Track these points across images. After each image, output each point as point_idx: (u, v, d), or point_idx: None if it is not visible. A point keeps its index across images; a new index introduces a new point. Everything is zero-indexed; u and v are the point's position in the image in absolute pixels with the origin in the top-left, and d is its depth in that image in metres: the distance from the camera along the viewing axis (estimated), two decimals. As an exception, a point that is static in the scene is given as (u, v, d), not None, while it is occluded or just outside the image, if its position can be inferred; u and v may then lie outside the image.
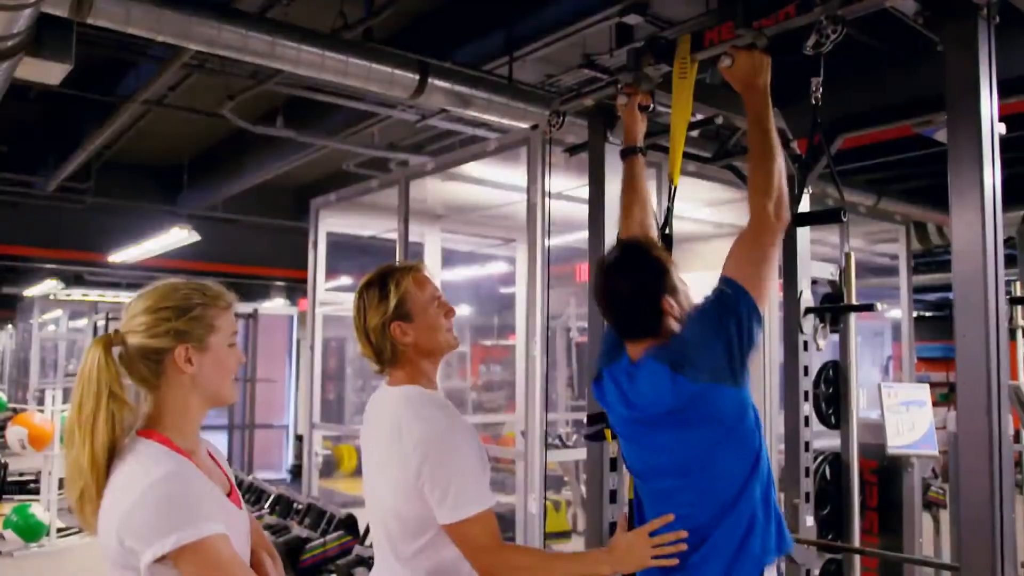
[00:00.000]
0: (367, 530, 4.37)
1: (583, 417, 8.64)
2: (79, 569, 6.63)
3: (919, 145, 5.20)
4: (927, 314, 15.46)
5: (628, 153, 2.52)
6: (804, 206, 3.56)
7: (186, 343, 1.59)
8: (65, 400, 8.11)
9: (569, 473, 6.83)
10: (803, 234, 3.62)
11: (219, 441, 9.86)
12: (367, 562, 4.05)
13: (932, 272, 10.62)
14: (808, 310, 3.60)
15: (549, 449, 3.82)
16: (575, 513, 7.58)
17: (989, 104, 1.98)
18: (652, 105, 2.61)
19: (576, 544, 7.02)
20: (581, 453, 6.23)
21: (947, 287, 13.21)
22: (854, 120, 3.14)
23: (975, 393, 1.94)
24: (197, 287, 1.65)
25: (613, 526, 2.96)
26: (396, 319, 1.96)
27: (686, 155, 3.42)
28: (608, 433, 2.71)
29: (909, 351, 6.49)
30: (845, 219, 2.03)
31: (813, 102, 2.18)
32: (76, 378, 1.57)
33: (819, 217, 2.55)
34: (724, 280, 1.96)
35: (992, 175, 1.97)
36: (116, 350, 1.59)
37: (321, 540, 4.71)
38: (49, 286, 12.83)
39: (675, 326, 1.98)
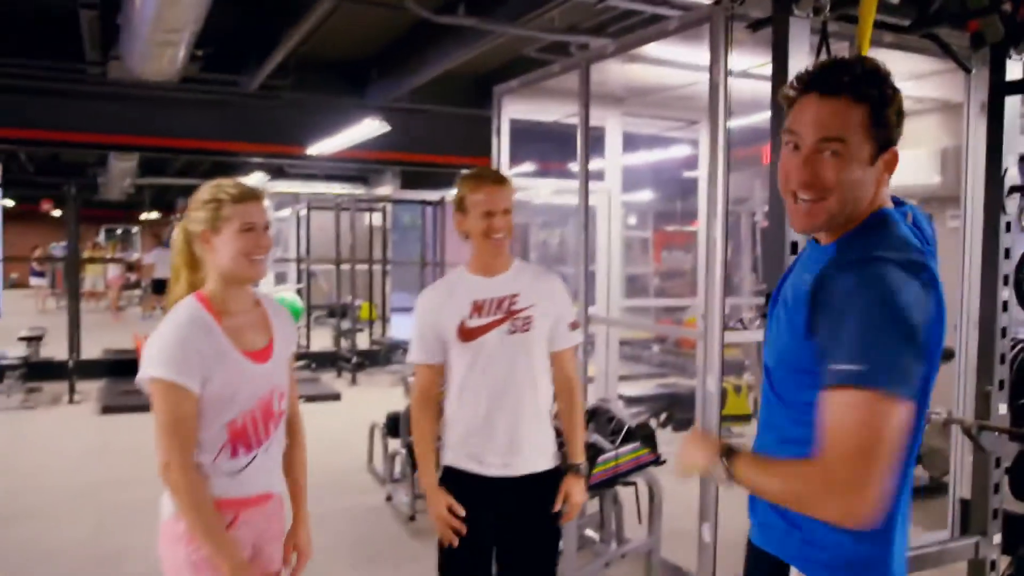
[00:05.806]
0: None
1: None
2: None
3: None
4: None
5: None
6: (1016, 72, 3.31)
7: (206, 227, 2.04)
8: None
9: (751, 357, 6.82)
10: (1011, 104, 3.36)
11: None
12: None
13: None
14: (1013, 188, 3.37)
15: (728, 331, 3.85)
16: (756, 397, 7.57)
17: None
18: None
19: (754, 427, 7.02)
20: (761, 335, 6.19)
21: None
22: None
23: None
24: (219, 185, 2.07)
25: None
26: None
27: (882, 25, 3.23)
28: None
29: None
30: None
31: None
32: None
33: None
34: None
35: None
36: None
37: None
38: (257, 179, 13.79)
39: (887, 201, 1.53)
